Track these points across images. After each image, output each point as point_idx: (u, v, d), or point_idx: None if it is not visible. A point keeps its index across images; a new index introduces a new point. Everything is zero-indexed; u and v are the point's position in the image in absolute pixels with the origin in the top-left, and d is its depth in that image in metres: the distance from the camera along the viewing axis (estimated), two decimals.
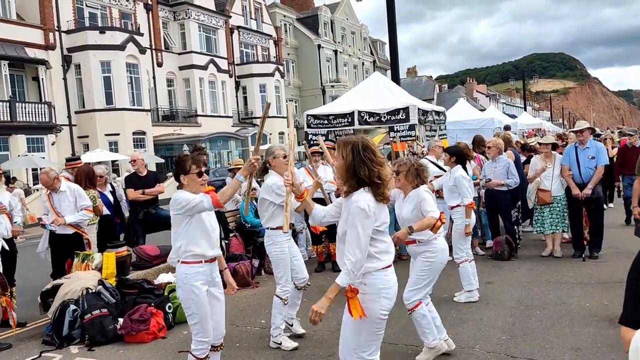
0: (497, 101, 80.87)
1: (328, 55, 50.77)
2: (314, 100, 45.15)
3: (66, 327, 5.54)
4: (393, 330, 5.27)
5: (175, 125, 34.15)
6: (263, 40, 44.18)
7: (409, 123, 9.65)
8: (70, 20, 28.41)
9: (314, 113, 10.82)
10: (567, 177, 7.80)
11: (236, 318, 6.10)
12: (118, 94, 28.56)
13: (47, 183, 6.59)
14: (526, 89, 55.95)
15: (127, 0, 31.88)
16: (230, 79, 39.46)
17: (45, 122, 26.07)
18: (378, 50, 62.52)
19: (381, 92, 10.58)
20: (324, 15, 50.73)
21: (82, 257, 6.41)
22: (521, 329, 5.10)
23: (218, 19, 38.24)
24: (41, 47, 26.90)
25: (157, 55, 33.73)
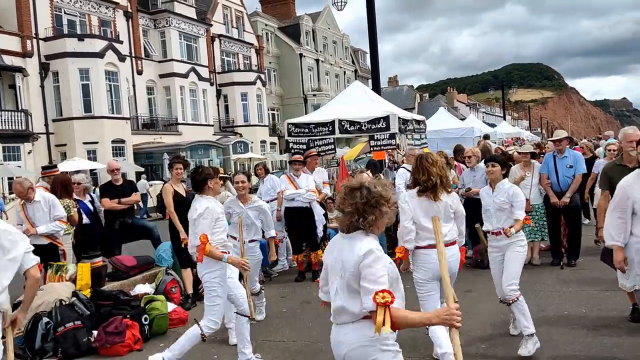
0: (477, 110, 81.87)
1: (310, 64, 50.87)
2: (295, 108, 45.12)
3: (38, 340, 5.39)
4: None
5: (155, 134, 33.83)
6: (244, 49, 44.12)
7: (390, 132, 9.66)
8: (49, 27, 28.05)
9: (295, 122, 10.79)
10: (545, 185, 7.87)
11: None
12: (97, 102, 28.19)
13: (21, 193, 6.45)
14: (505, 99, 56.63)
15: (106, 8, 31.58)
16: (211, 87, 39.29)
17: (22, 130, 25.65)
18: (360, 59, 62.84)
19: (362, 101, 10.60)
20: (305, 24, 50.86)
21: (56, 268, 6.26)
22: (500, 338, 5.10)
23: (199, 27, 38.10)
24: (18, 55, 26.48)
25: (137, 63, 33.44)
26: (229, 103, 40.92)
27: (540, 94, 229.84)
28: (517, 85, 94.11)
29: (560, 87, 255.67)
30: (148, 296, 6.26)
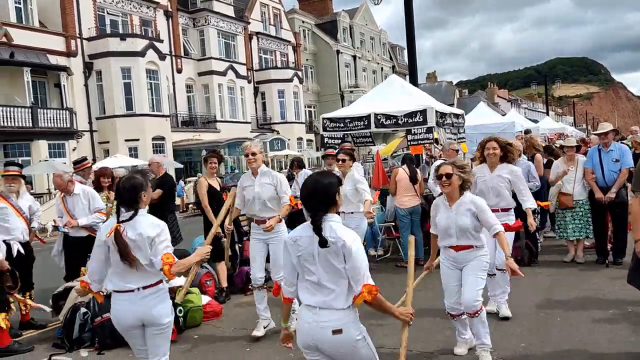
0: (518, 106, 79.97)
1: (347, 61, 50.70)
2: (332, 105, 44.95)
3: (76, 330, 5.50)
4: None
5: (194, 131, 34.36)
6: (282, 46, 44.31)
7: (427, 126, 9.46)
8: (92, 27, 28.79)
9: (330, 116, 10.71)
10: (590, 180, 7.58)
11: (248, 321, 6.00)
12: (138, 100, 28.82)
13: (61, 186, 6.59)
14: (548, 94, 55.18)
15: (147, 8, 32.21)
16: (249, 85, 39.62)
17: (67, 128, 26.41)
18: (397, 55, 62.29)
19: (398, 95, 10.42)
20: (342, 20, 50.70)
21: None
22: (540, 337, 4.92)
23: (237, 25, 38.45)
24: (63, 54, 27.29)
25: (176, 62, 34.01)
26: (266, 100, 41.18)
27: (586, 89, 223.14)
28: (560, 80, 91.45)
29: (607, 82, 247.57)
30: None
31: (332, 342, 2.88)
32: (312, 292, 2.94)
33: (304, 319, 2.96)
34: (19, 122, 24.14)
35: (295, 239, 2.97)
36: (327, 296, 2.88)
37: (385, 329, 5.34)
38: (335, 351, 2.92)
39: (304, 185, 3.03)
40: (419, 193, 8.39)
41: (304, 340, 2.97)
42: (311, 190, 2.96)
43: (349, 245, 2.81)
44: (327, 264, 2.86)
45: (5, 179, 5.93)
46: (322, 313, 2.88)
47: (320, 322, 2.88)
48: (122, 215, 3.44)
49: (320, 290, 2.91)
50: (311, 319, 2.90)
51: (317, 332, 2.89)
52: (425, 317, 5.66)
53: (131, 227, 3.40)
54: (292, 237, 3.01)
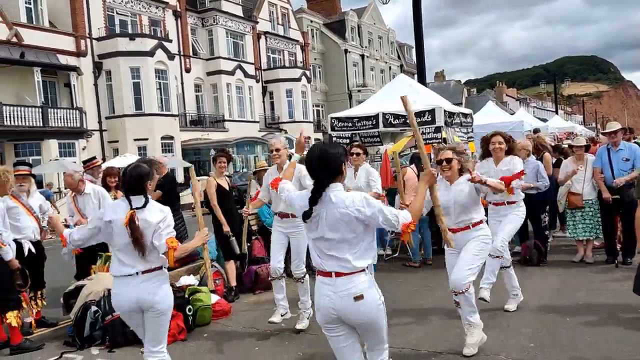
0: (527, 105, 79.53)
1: (355, 60, 50.66)
2: (340, 105, 44.98)
3: (87, 329, 5.55)
4: (415, 336, 5.14)
5: (202, 130, 34.48)
6: (290, 46, 44.35)
7: (435, 125, 9.45)
8: (101, 27, 28.97)
9: (338, 116, 10.72)
10: (598, 180, 7.54)
11: (256, 321, 6.04)
12: (147, 99, 28.97)
13: (72, 185, 6.65)
14: (557, 93, 54.88)
15: (156, 8, 32.34)
16: (257, 84, 39.68)
17: (77, 127, 26.60)
18: (405, 54, 62.15)
19: (407, 94, 10.39)
20: (350, 19, 50.67)
21: (105, 258, 6.43)
22: (549, 337, 4.91)
23: (245, 25, 38.53)
24: (73, 54, 27.47)
25: (185, 61, 34.13)
26: (274, 100, 41.24)
27: (595, 88, 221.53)
28: (570, 78, 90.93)
29: (616, 81, 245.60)
30: (192, 287, 6.34)
31: (355, 310, 2.87)
32: (325, 259, 2.93)
33: (321, 293, 2.94)
34: (29, 122, 24.34)
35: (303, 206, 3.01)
36: (340, 261, 2.89)
37: (393, 328, 5.35)
38: (359, 319, 2.91)
39: (310, 153, 3.02)
40: None
41: (325, 314, 2.94)
42: (317, 158, 2.96)
43: (364, 211, 2.85)
44: (340, 230, 2.87)
45: (16, 178, 5.99)
46: (339, 281, 2.88)
47: (338, 291, 2.86)
48: (133, 202, 3.50)
49: (332, 257, 2.91)
50: (329, 291, 2.90)
51: (338, 303, 2.87)
52: (433, 316, 5.68)
53: (139, 213, 3.47)
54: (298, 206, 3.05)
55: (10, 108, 23.65)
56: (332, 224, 2.88)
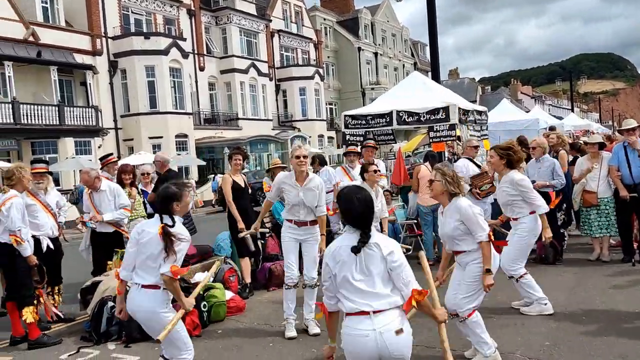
0: (542, 103, 78.80)
1: (368, 58, 50.55)
2: (353, 102, 44.95)
3: (104, 324, 5.62)
4: (431, 334, 5.13)
5: (216, 129, 34.63)
6: (303, 44, 44.36)
7: (449, 122, 9.43)
8: (117, 26, 29.19)
9: (352, 113, 10.73)
10: (615, 178, 7.46)
11: (270, 318, 6.07)
12: (161, 98, 29.14)
13: (88, 182, 6.73)
14: (573, 90, 54.29)
15: (171, 7, 32.52)
16: (270, 83, 39.75)
17: (92, 125, 26.85)
18: (419, 52, 61.86)
19: (421, 91, 10.39)
20: (364, 17, 50.56)
21: (121, 254, 6.49)
22: (565, 336, 4.87)
23: (259, 23, 38.60)
24: (89, 53, 27.72)
25: (199, 60, 34.30)
26: (287, 98, 41.29)
27: (612, 85, 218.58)
28: (586, 76, 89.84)
29: (633, 78, 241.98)
30: (207, 284, 6.38)
31: (397, 343, 2.88)
32: (362, 298, 2.92)
33: (358, 331, 2.89)
34: (46, 120, 24.61)
35: (335, 249, 3.02)
36: (380, 299, 2.91)
37: (413, 324, 5.34)
38: (399, 354, 2.90)
39: (355, 201, 3.03)
40: None
41: (363, 354, 2.89)
42: (365, 207, 3.02)
43: (395, 255, 2.94)
44: (372, 269, 2.93)
45: (34, 176, 6.08)
46: (379, 317, 2.88)
47: (380, 327, 2.86)
48: (164, 219, 3.70)
49: (370, 294, 2.91)
50: (369, 327, 2.87)
51: (379, 338, 2.85)
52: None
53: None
54: (333, 249, 3.05)
55: (27, 106, 23.93)
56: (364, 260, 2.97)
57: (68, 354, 5.35)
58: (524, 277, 5.49)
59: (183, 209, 3.79)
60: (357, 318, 2.92)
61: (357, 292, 2.93)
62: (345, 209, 3.08)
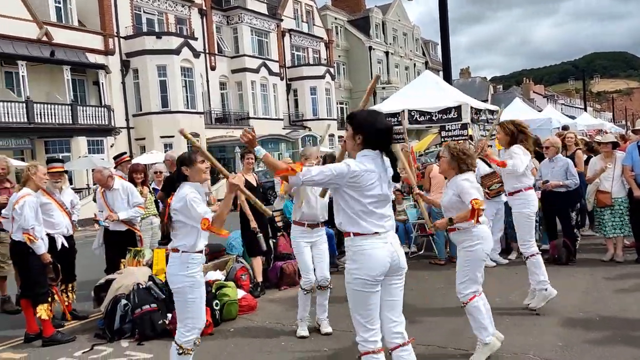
0: (555, 102, 78.22)
1: (379, 57, 50.46)
2: None
3: (117, 321, 5.66)
4: (441, 334, 5.12)
5: (227, 128, 34.73)
6: (314, 43, 44.37)
7: (461, 122, 9.39)
8: (129, 26, 29.37)
9: None
10: (629, 177, 7.40)
11: (280, 316, 6.08)
12: (173, 97, 29.28)
13: (101, 181, 6.79)
14: (586, 89, 53.82)
15: (182, 6, 32.67)
16: (281, 82, 39.81)
17: (105, 124, 27.03)
18: (430, 51, 61.66)
19: (432, 91, 10.35)
20: (375, 16, 50.47)
21: (134, 253, 6.55)
22: (578, 337, 4.84)
23: (270, 23, 38.67)
24: (101, 53, 27.92)
25: (210, 59, 34.42)
26: (298, 97, 41.33)
27: (625, 84, 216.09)
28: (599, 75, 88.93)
29: None
30: (219, 282, 6.41)
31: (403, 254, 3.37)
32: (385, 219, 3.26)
33: (384, 242, 3.23)
34: (59, 119, 24.81)
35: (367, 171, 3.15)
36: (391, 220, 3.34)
37: (419, 326, 5.35)
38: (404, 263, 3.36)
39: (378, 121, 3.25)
40: None
41: (386, 263, 3.21)
42: (389, 125, 3.34)
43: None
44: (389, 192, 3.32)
45: (51, 175, 6.14)
46: (392, 234, 3.31)
47: (396, 242, 3.32)
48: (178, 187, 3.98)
49: (387, 216, 3.30)
50: (393, 239, 3.28)
51: (399, 250, 3.30)
52: (460, 314, 5.63)
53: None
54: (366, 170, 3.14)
55: (40, 106, 24.15)
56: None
57: (82, 351, 5.40)
58: (535, 256, 5.53)
59: (194, 174, 3.94)
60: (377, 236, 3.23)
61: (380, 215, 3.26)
62: (369, 124, 3.21)
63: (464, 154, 4.48)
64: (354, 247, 3.23)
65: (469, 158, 4.49)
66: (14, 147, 23.40)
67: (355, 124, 3.24)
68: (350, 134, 3.26)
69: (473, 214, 4.23)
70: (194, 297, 3.86)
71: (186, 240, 3.86)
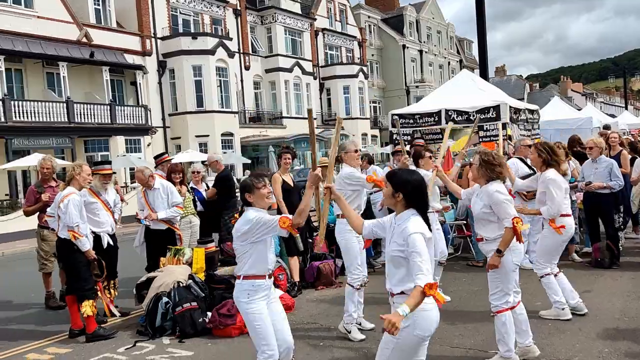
0: (593, 100, 76.22)
1: (413, 56, 50.08)
2: (397, 101, 44.66)
3: (159, 319, 5.76)
4: (482, 337, 5.05)
5: (261, 127, 35.00)
6: (347, 42, 44.31)
7: (500, 122, 9.24)
8: (165, 27, 29.86)
9: (400, 112, 10.65)
10: None
11: (319, 317, 6.09)
12: (208, 97, 29.66)
13: (142, 181, 6.91)
14: (627, 87, 52.29)
15: (217, 7, 33.04)
16: (314, 81, 39.90)
17: (142, 124, 27.55)
18: (465, 49, 60.87)
19: (470, 90, 10.23)
20: (409, 15, 50.10)
21: (174, 251, 6.66)
22: (624, 342, 4.71)
23: (303, 22, 38.79)
24: (138, 53, 28.47)
25: (244, 59, 34.72)
26: (331, 96, 41.36)
27: None
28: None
29: None
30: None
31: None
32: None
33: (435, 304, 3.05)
34: (98, 119, 25.40)
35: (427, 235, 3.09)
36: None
37: (459, 329, 5.29)
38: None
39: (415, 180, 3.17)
40: None
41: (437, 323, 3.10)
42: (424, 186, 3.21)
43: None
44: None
45: (102, 177, 6.32)
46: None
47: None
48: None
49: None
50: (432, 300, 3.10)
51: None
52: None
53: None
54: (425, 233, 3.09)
55: (80, 105, 24.75)
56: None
57: (125, 347, 5.51)
58: (545, 277, 5.34)
59: (257, 200, 3.82)
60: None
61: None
62: (415, 188, 3.16)
63: (492, 162, 4.33)
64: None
65: (497, 167, 4.34)
66: (54, 146, 24.05)
67: (395, 183, 3.21)
68: (390, 192, 3.24)
69: (517, 234, 4.20)
70: (260, 325, 3.80)
71: (246, 265, 3.77)
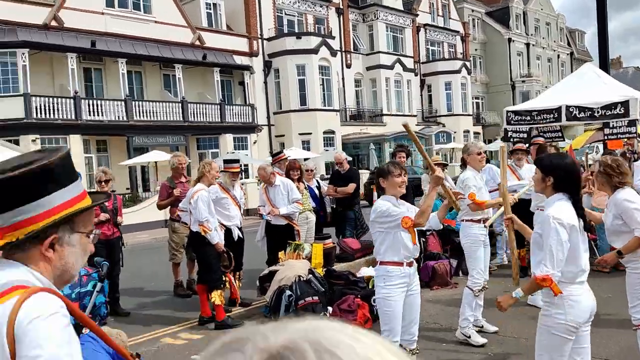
0: None
1: (519, 49, 47.90)
2: (502, 96, 43.03)
3: (282, 311, 6.01)
4: (616, 347, 4.79)
5: (361, 125, 35.12)
6: (450, 37, 43.27)
7: (629, 118, 8.65)
8: (271, 27, 30.80)
9: (515, 109, 10.27)
10: None
11: (438, 317, 6.06)
12: (311, 95, 30.23)
13: (264, 178, 7.23)
14: None
15: (320, 7, 33.56)
16: (415, 78, 39.38)
17: (249, 122, 28.64)
18: (577, 40, 57.28)
19: (593, 85, 9.64)
20: (515, 7, 47.94)
21: (294, 246, 6.91)
22: None
23: (405, 18, 38.40)
24: (246, 54, 29.61)
25: (346, 57, 34.99)
26: (432, 93, 40.62)
27: None
28: None
29: None
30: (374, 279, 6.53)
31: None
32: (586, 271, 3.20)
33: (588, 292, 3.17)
34: (209, 118, 26.74)
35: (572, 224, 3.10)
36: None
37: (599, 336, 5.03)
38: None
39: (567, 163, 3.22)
40: None
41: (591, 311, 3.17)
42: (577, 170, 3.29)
43: None
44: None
45: (232, 174, 6.71)
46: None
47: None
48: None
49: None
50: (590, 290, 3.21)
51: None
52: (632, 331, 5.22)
53: None
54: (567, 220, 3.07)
55: (193, 105, 26.21)
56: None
57: None
58: None
59: (390, 187, 3.93)
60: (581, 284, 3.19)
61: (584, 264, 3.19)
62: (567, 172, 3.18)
63: (612, 169, 4.00)
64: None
65: (618, 175, 4.00)
66: (170, 144, 25.60)
67: (545, 167, 3.23)
68: (540, 177, 3.23)
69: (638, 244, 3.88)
70: (389, 310, 3.90)
71: (382, 251, 3.93)
